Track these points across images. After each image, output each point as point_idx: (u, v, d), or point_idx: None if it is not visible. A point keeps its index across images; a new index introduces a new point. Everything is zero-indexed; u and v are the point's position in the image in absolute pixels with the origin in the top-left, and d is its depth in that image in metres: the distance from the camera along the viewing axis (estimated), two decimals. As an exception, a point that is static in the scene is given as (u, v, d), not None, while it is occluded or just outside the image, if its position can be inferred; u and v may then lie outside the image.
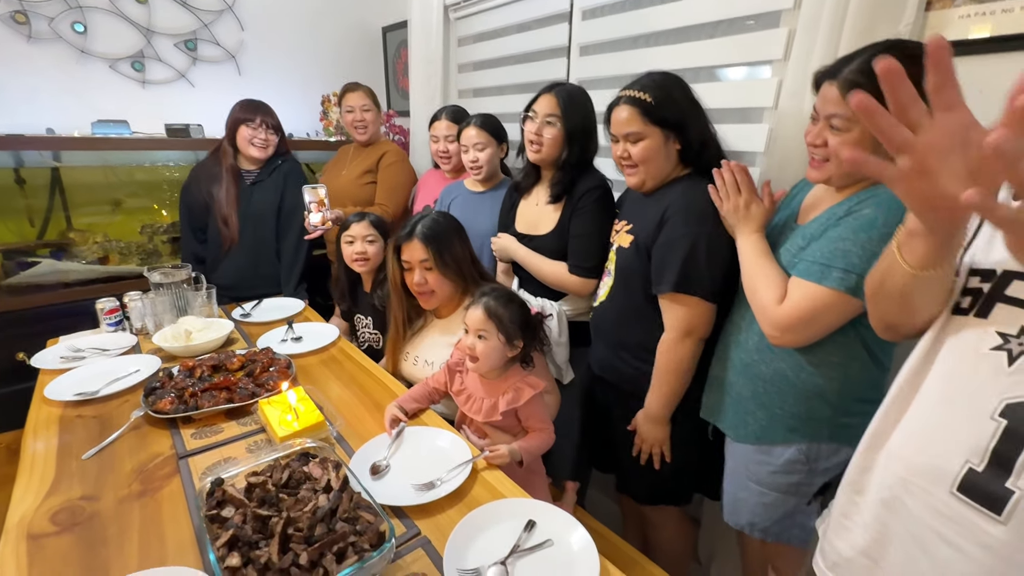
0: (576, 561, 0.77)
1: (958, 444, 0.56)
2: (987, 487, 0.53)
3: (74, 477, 0.95)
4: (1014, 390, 0.52)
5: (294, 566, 0.70)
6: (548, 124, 1.35)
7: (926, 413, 0.61)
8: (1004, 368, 0.54)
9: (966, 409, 0.56)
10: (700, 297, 1.07)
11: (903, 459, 0.62)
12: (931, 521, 0.57)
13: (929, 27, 1.03)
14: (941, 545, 0.56)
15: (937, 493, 0.57)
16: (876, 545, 0.64)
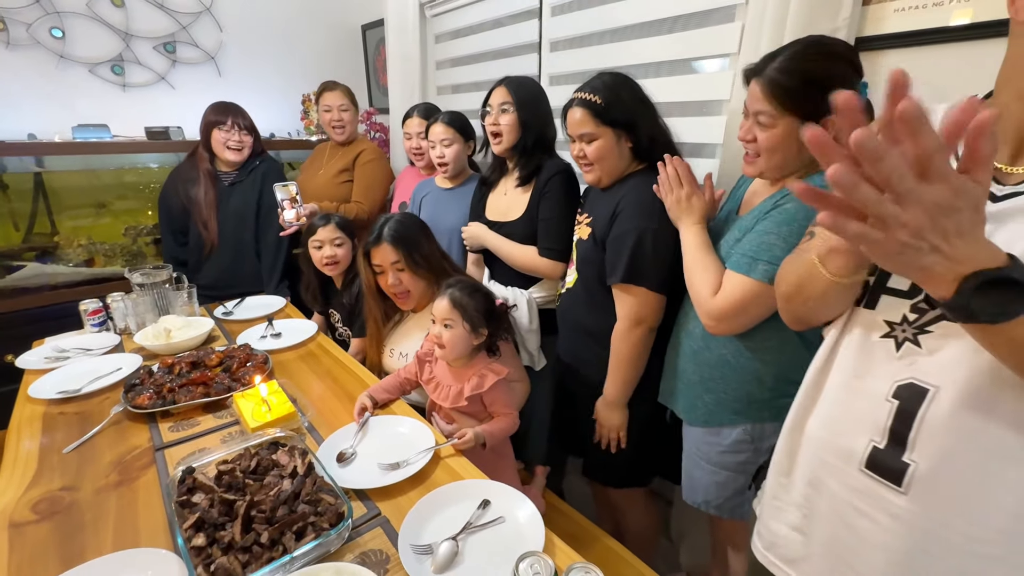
0: (523, 534, 0.82)
1: (862, 425, 0.61)
2: (888, 462, 0.58)
3: (55, 470, 1.00)
4: (902, 373, 0.58)
5: (256, 544, 0.75)
6: (503, 112, 1.42)
7: (834, 398, 0.66)
8: (893, 353, 0.59)
9: (865, 393, 0.61)
10: (648, 288, 1.12)
11: (820, 441, 0.67)
12: (847, 497, 0.63)
13: (865, 20, 1.07)
14: (858, 518, 0.62)
15: (849, 471, 0.62)
16: (806, 521, 0.69)
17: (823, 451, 0.66)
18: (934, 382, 0.55)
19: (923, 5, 1.00)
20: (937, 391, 0.55)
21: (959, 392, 0.53)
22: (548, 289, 1.49)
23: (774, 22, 1.13)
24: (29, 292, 1.92)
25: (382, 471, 0.96)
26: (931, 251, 0.40)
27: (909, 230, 0.39)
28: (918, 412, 0.56)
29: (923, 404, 0.56)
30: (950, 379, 0.54)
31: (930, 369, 0.56)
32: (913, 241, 0.40)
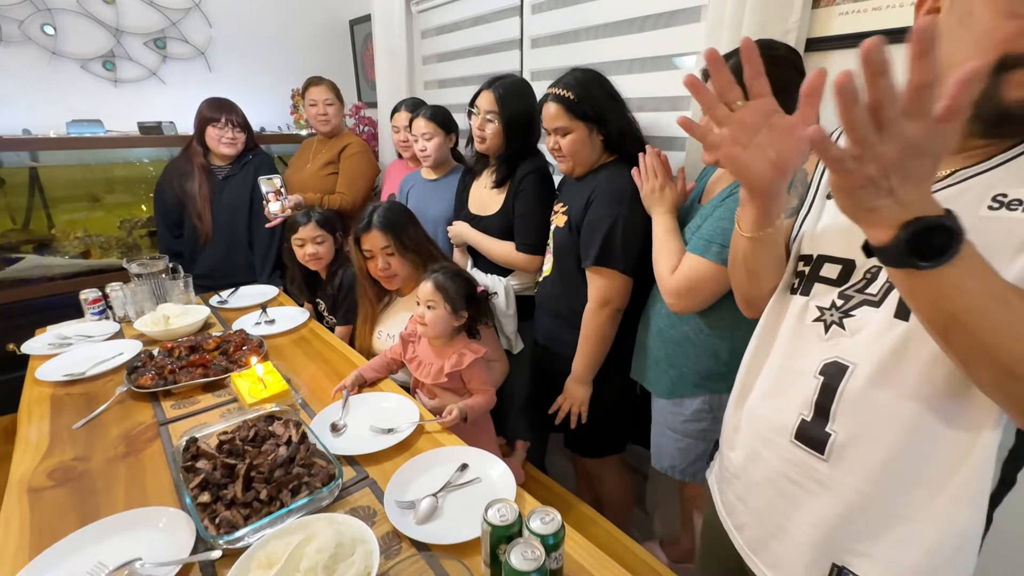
0: (497, 491, 0.91)
1: (793, 400, 0.67)
2: (814, 433, 0.64)
3: (66, 443, 1.08)
4: (828, 352, 0.64)
5: (255, 500, 0.84)
6: (488, 121, 1.47)
7: (771, 377, 0.72)
8: (822, 335, 0.65)
9: (797, 371, 0.67)
10: (617, 270, 1.21)
11: (757, 416, 0.74)
12: (779, 466, 0.69)
13: (814, 22, 1.16)
14: (789, 484, 0.68)
15: (782, 443, 0.68)
16: (745, 492, 0.76)
17: (760, 425, 0.73)
18: (853, 359, 0.61)
19: (863, 9, 1.09)
20: (855, 367, 0.61)
21: (872, 368, 0.59)
22: (525, 277, 1.58)
23: (732, 24, 1.21)
24: (28, 283, 1.98)
25: (373, 435, 1.06)
26: (887, 194, 0.44)
27: (880, 164, 0.43)
28: (839, 387, 0.62)
29: (843, 379, 0.62)
30: (866, 356, 0.60)
31: (851, 348, 0.62)
32: (879, 176, 0.43)
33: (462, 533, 0.81)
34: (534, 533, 0.69)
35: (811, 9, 1.16)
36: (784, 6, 1.15)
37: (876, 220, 0.47)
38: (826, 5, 1.15)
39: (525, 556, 0.65)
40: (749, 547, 0.75)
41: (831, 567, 0.64)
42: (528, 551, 0.65)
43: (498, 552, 0.72)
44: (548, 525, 0.70)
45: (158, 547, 0.79)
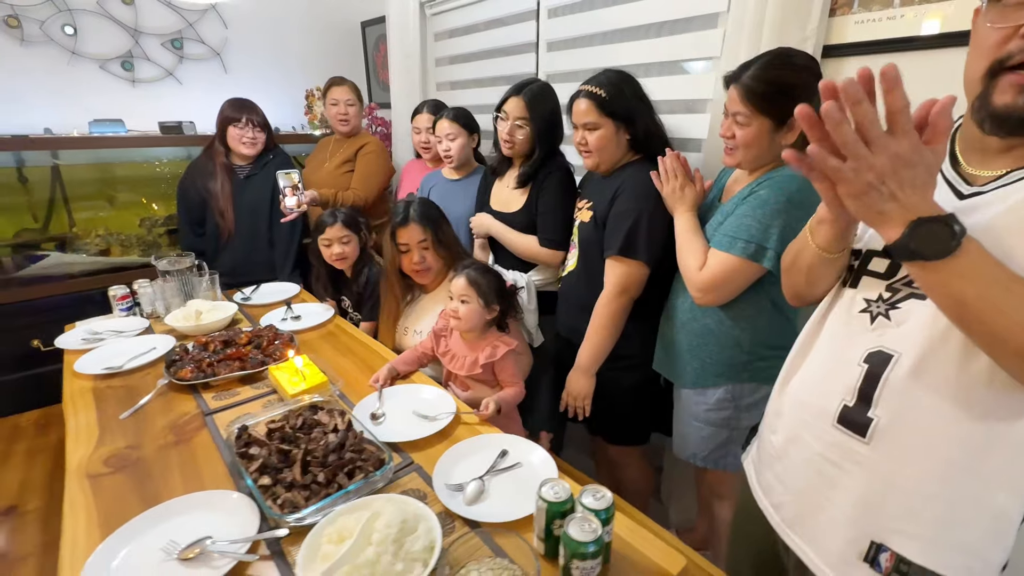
0: (539, 474, 0.96)
1: (836, 386, 0.70)
2: (856, 418, 0.67)
3: (116, 432, 1.11)
4: (873, 342, 0.67)
5: (314, 483, 0.88)
6: (518, 127, 1.51)
7: (816, 364, 0.76)
8: (868, 326, 0.68)
9: (841, 359, 0.70)
10: (639, 260, 1.26)
11: (800, 402, 0.77)
12: (820, 449, 0.72)
13: (831, 30, 1.22)
14: (829, 466, 0.71)
15: (823, 427, 0.71)
16: (785, 472, 0.79)
17: (803, 411, 0.76)
18: (898, 349, 0.64)
19: (878, 19, 1.15)
20: (899, 356, 0.64)
21: (914, 358, 0.63)
22: (545, 273, 1.63)
23: (751, 30, 1.27)
24: (51, 280, 2.01)
25: (414, 423, 1.11)
26: (889, 198, 0.50)
27: (875, 172, 0.49)
28: (883, 375, 0.65)
29: (887, 368, 0.65)
30: (909, 347, 0.63)
31: (895, 338, 0.65)
32: (876, 183, 0.50)
33: (509, 513, 0.86)
34: (588, 509, 0.74)
35: (828, 17, 1.21)
36: (802, 14, 1.20)
37: (885, 221, 0.53)
38: (842, 14, 1.21)
39: (583, 529, 0.70)
40: (787, 524, 0.79)
41: (869, 544, 0.67)
42: (586, 524, 0.71)
43: (552, 527, 0.77)
44: (600, 501, 0.75)
45: (222, 527, 0.83)
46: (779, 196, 0.99)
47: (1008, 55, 0.55)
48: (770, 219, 0.99)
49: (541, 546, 0.79)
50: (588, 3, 1.82)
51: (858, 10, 1.18)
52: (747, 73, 1.00)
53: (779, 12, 1.21)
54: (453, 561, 0.73)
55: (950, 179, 0.64)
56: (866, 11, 1.17)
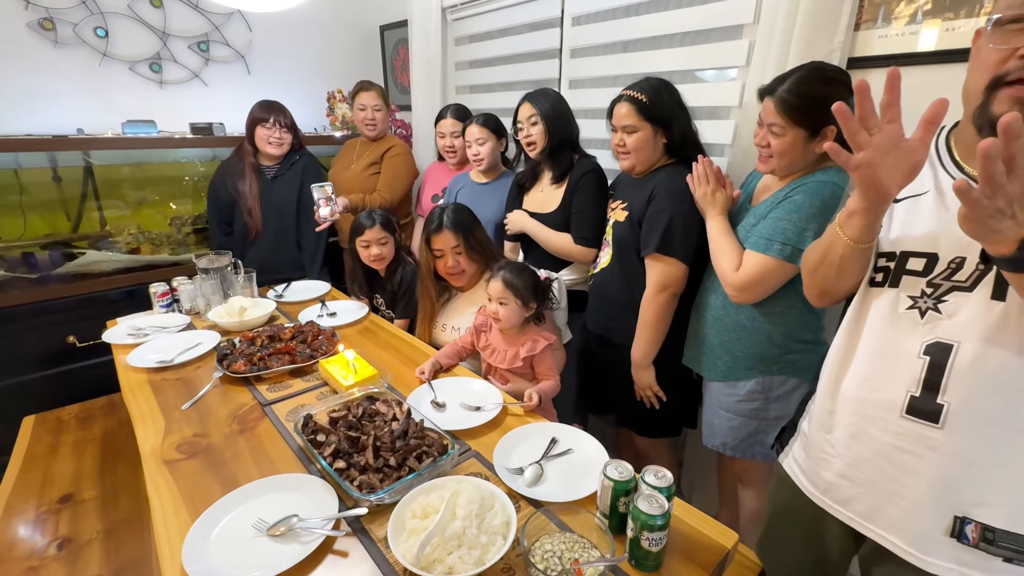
0: (591, 460, 1.02)
1: (899, 380, 0.75)
2: (926, 407, 0.72)
3: (181, 422, 1.17)
4: (928, 335, 0.72)
5: (386, 466, 0.94)
6: (532, 124, 1.62)
7: (867, 362, 0.80)
8: (919, 321, 0.74)
9: (898, 354, 0.75)
10: (677, 258, 1.33)
11: (858, 399, 0.81)
12: (890, 440, 0.77)
13: (856, 43, 1.29)
14: (901, 454, 0.76)
15: (891, 419, 0.76)
16: (850, 469, 0.82)
17: (864, 407, 0.80)
18: (956, 338, 0.70)
19: (901, 33, 1.23)
20: (960, 345, 0.69)
21: (976, 344, 0.68)
22: (577, 272, 1.70)
23: (780, 42, 1.34)
24: (86, 278, 2.05)
25: (465, 413, 1.17)
26: (1010, 218, 0.55)
27: (1007, 199, 0.54)
28: (947, 363, 0.70)
29: (950, 356, 0.70)
30: (968, 335, 0.69)
31: (950, 329, 0.70)
32: (1006, 207, 0.54)
33: (567, 494, 0.93)
34: (652, 487, 0.80)
35: (853, 31, 1.29)
36: (830, 27, 1.27)
37: (999, 239, 0.58)
38: (866, 28, 1.28)
39: (651, 504, 0.77)
40: (862, 517, 0.83)
41: (953, 520, 0.72)
42: (654, 500, 0.77)
43: (618, 504, 0.83)
44: (662, 480, 0.81)
45: (303, 507, 0.89)
46: (814, 200, 1.06)
47: (1007, 72, 0.63)
48: (806, 222, 1.06)
49: (604, 522, 0.85)
50: (612, 12, 1.89)
51: (881, 25, 1.26)
52: (783, 87, 1.07)
53: (807, 25, 1.28)
54: (527, 535, 0.80)
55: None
56: (889, 26, 1.24)
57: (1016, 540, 0.70)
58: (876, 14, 1.26)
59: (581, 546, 0.80)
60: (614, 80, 1.92)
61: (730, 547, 0.84)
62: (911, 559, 0.77)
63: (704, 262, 1.36)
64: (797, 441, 0.97)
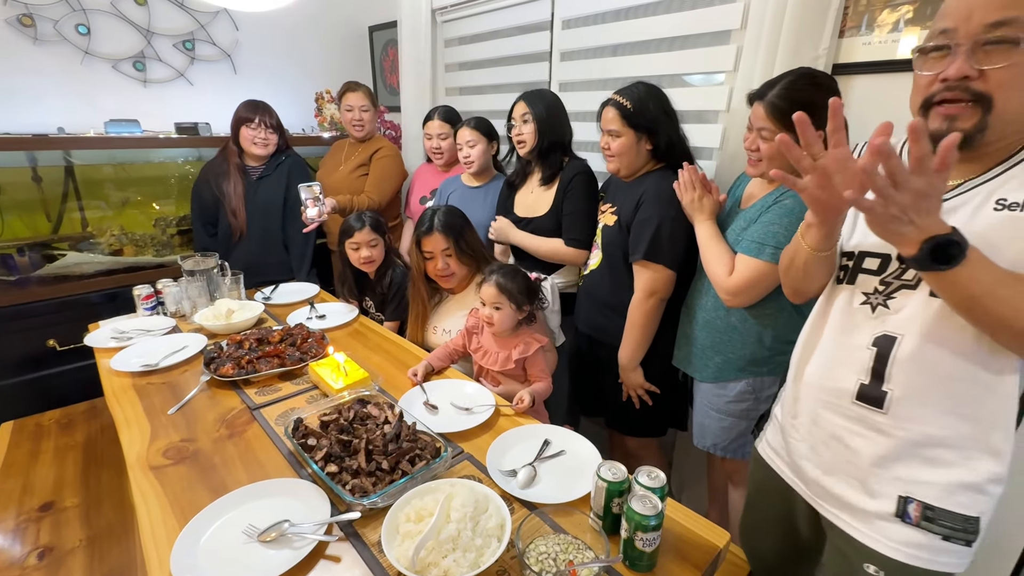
0: (584, 461, 1.03)
1: (850, 369, 0.82)
2: (872, 393, 0.79)
3: (168, 427, 1.15)
4: (877, 328, 0.79)
5: (378, 469, 0.94)
6: (524, 122, 1.64)
7: (826, 352, 0.87)
8: (871, 315, 0.80)
9: (850, 346, 0.82)
10: (664, 264, 1.34)
11: (817, 386, 0.88)
12: (843, 424, 0.84)
13: (840, 50, 1.32)
14: (853, 437, 0.83)
15: (844, 404, 0.83)
16: (812, 451, 0.89)
17: (821, 393, 0.87)
18: (900, 331, 0.76)
19: (883, 41, 1.26)
20: (903, 337, 0.76)
21: (916, 337, 0.75)
22: (568, 275, 1.70)
23: (767, 48, 1.36)
24: (67, 280, 2.01)
25: (458, 416, 1.17)
26: (909, 223, 0.62)
27: (899, 207, 0.62)
28: (891, 354, 0.77)
29: (894, 347, 0.77)
30: (911, 328, 0.75)
31: (896, 323, 0.77)
32: (900, 214, 0.62)
33: (560, 495, 0.93)
34: (645, 487, 0.81)
35: (838, 38, 1.31)
36: (815, 34, 1.30)
37: (904, 240, 0.65)
38: (851, 35, 1.31)
39: (645, 504, 0.77)
40: (820, 496, 0.89)
41: (898, 499, 0.78)
42: (647, 500, 0.78)
43: (611, 505, 0.84)
44: (655, 480, 0.82)
45: (295, 512, 0.88)
46: (803, 205, 1.08)
47: (932, 94, 0.71)
48: (796, 226, 1.07)
49: (598, 523, 0.85)
50: (601, 16, 1.90)
51: (865, 32, 1.29)
52: (773, 92, 1.08)
53: (793, 32, 1.31)
54: (522, 537, 0.80)
55: None
56: (872, 33, 1.27)
57: (953, 518, 0.75)
58: (860, 22, 1.28)
59: (576, 547, 0.80)
60: (603, 84, 1.93)
61: (722, 546, 0.85)
62: (861, 536, 0.82)
63: (693, 265, 1.38)
64: (770, 426, 1.04)
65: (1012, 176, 0.70)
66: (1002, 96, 0.66)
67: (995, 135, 0.69)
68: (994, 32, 0.65)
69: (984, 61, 0.66)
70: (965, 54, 0.67)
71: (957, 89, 0.68)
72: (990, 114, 0.68)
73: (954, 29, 0.68)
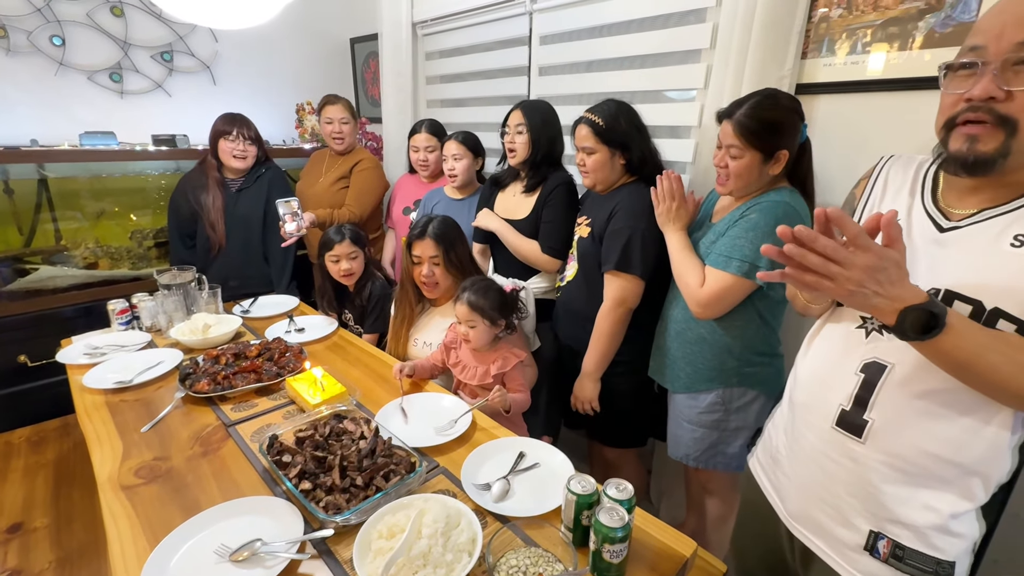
0: (558, 473, 1.04)
1: (835, 393, 0.80)
2: (853, 420, 0.77)
3: (140, 445, 1.14)
4: (868, 353, 0.77)
5: (352, 486, 0.94)
6: (518, 132, 1.65)
7: (816, 372, 0.86)
8: (863, 340, 0.78)
9: (839, 368, 0.80)
10: (635, 275, 1.38)
11: (804, 405, 0.87)
12: (821, 446, 0.82)
13: (803, 71, 1.37)
14: (827, 461, 0.81)
15: (824, 427, 0.81)
16: (792, 470, 0.90)
17: (806, 413, 0.86)
18: (892, 360, 0.74)
19: (843, 63, 1.31)
20: (893, 366, 0.73)
21: (908, 367, 0.72)
22: (546, 280, 1.73)
23: (735, 68, 1.41)
24: (40, 295, 1.97)
25: (435, 430, 1.17)
26: (874, 295, 0.62)
27: (853, 282, 0.61)
28: (878, 382, 0.74)
29: (882, 376, 0.74)
30: (903, 358, 0.72)
31: (888, 350, 0.74)
32: (858, 289, 0.61)
33: (534, 508, 0.94)
34: (613, 499, 0.83)
35: (801, 59, 1.37)
36: (779, 55, 1.35)
37: (880, 312, 0.65)
38: (812, 57, 1.36)
39: (612, 517, 0.79)
40: (793, 517, 0.89)
41: (868, 533, 0.77)
42: (614, 513, 0.80)
43: (581, 518, 0.86)
44: (623, 492, 0.84)
45: (267, 530, 0.88)
46: (769, 219, 1.12)
47: (957, 114, 0.68)
48: (761, 240, 1.11)
49: (569, 535, 0.87)
50: (577, 33, 1.95)
51: (826, 54, 1.34)
52: (740, 111, 1.13)
53: (759, 53, 1.36)
54: (493, 551, 0.81)
55: (931, 213, 0.76)
56: (832, 56, 1.33)
57: (923, 560, 0.74)
58: (820, 44, 1.34)
59: (546, 560, 0.82)
60: (579, 98, 1.97)
61: (689, 555, 0.87)
62: (832, 564, 0.82)
63: (666, 277, 1.41)
64: (761, 441, 1.04)
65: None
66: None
67: (1018, 162, 0.65)
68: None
69: (1013, 82, 0.62)
70: (993, 73, 0.63)
71: (981, 110, 0.65)
72: (1014, 138, 0.64)
73: (984, 47, 0.64)
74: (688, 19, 1.63)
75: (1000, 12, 0.65)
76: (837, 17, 1.30)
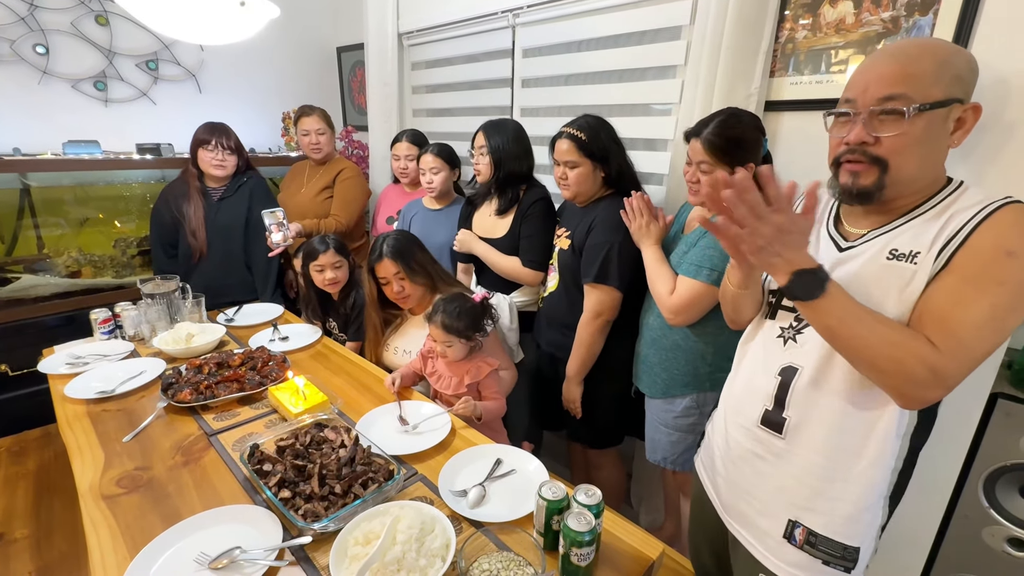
0: (533, 479, 1.08)
1: (758, 395, 0.90)
2: (774, 419, 0.87)
3: (122, 455, 1.15)
4: (785, 359, 0.87)
5: (331, 494, 0.97)
6: (481, 155, 1.70)
7: (744, 378, 0.96)
8: (782, 347, 0.88)
9: (762, 374, 0.90)
10: (613, 286, 1.42)
11: (733, 408, 0.97)
12: (750, 445, 0.92)
13: (771, 89, 1.43)
14: (753, 458, 0.91)
15: (750, 427, 0.91)
16: (724, 467, 0.99)
17: (735, 416, 0.96)
18: (801, 364, 0.84)
19: (809, 82, 1.37)
20: (802, 369, 0.84)
21: (812, 369, 0.83)
22: (527, 294, 1.76)
23: (706, 85, 1.46)
24: (21, 304, 1.97)
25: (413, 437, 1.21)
26: (775, 255, 0.71)
27: (764, 238, 0.70)
28: (791, 383, 0.85)
29: (794, 378, 0.85)
30: (809, 360, 0.83)
31: (799, 355, 0.85)
32: (766, 244, 0.70)
33: (508, 514, 0.98)
34: (582, 504, 0.86)
35: (768, 78, 1.42)
36: (747, 74, 1.40)
37: (776, 271, 0.74)
38: (779, 76, 1.42)
39: (580, 521, 0.83)
40: (725, 510, 0.98)
41: (787, 522, 0.86)
42: (582, 517, 0.83)
43: (551, 523, 0.89)
44: (591, 498, 0.87)
45: (247, 538, 0.90)
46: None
47: (840, 154, 0.80)
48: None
49: (541, 540, 0.90)
50: (558, 47, 1.99)
51: (792, 73, 1.40)
52: (707, 129, 1.18)
53: (728, 71, 1.41)
54: (466, 556, 0.84)
55: (833, 236, 0.87)
56: (799, 75, 1.38)
57: (833, 546, 0.83)
58: (787, 63, 1.39)
59: (517, 564, 0.85)
60: (559, 110, 2.02)
61: (656, 557, 0.91)
62: (755, 553, 0.90)
63: (644, 287, 1.46)
64: (703, 443, 1.13)
65: (906, 229, 0.77)
66: (895, 160, 0.74)
67: (894, 193, 0.77)
68: (885, 104, 0.73)
69: (879, 129, 0.74)
70: (863, 122, 0.75)
71: (858, 152, 0.77)
72: (887, 174, 0.75)
73: (854, 100, 0.77)
74: (663, 36, 1.68)
75: (865, 71, 0.77)
76: (802, 39, 1.36)
